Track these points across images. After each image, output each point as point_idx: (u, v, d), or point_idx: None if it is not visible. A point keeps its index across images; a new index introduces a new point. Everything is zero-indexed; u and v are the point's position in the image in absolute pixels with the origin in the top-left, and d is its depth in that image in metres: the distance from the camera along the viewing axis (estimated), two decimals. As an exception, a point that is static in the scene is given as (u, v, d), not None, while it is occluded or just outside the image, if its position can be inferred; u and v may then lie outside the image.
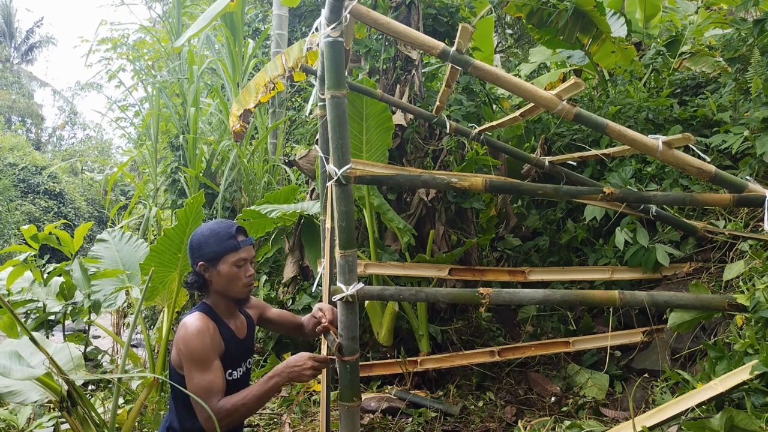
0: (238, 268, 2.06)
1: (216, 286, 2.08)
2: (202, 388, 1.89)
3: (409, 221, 4.26)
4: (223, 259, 2.04)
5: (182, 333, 1.96)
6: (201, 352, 1.92)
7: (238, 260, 2.06)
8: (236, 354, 2.11)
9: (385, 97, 3.79)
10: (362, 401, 3.30)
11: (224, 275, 2.05)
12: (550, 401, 3.53)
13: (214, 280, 2.07)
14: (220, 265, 2.04)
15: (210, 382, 1.90)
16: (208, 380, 1.90)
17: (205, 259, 2.05)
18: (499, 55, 9.46)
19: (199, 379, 1.90)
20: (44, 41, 32.70)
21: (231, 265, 2.05)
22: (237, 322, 2.18)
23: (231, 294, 2.10)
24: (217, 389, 1.91)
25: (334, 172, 2.24)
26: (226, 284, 2.07)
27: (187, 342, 1.93)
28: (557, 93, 2.44)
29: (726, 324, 2.86)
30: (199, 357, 1.92)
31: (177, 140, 6.29)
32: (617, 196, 2.68)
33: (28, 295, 4.09)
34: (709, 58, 4.92)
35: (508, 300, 2.48)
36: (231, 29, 6.38)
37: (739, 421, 1.90)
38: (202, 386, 1.89)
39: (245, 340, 2.19)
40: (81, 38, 23.87)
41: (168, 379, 2.10)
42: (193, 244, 2.09)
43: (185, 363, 1.94)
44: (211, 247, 2.04)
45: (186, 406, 1.99)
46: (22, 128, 28.25)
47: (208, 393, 1.88)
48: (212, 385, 1.90)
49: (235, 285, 2.08)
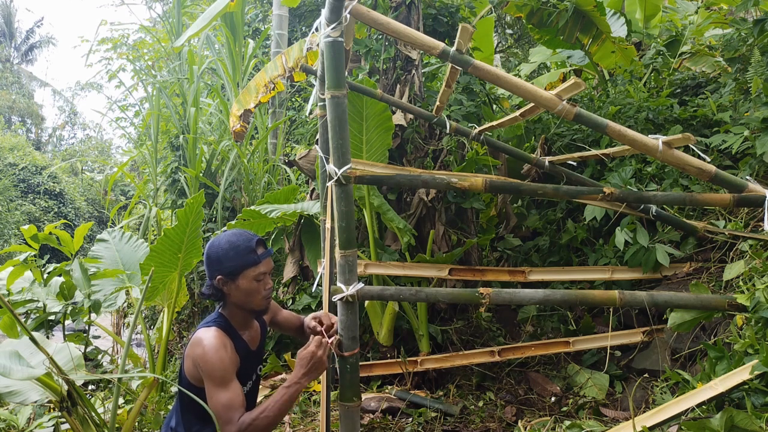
0: (258, 282, 2.03)
1: (234, 299, 2.05)
2: (222, 405, 1.89)
3: (409, 221, 4.25)
4: (243, 273, 2.00)
5: (200, 351, 1.94)
6: (221, 371, 1.91)
7: (258, 275, 2.02)
8: (248, 366, 2.11)
9: (385, 97, 3.79)
10: (362, 401, 3.29)
11: (243, 289, 2.02)
12: (550, 401, 3.53)
13: (233, 293, 2.04)
14: (240, 279, 2.01)
15: (230, 399, 1.90)
16: (228, 397, 1.90)
17: (224, 273, 2.01)
18: (499, 55, 9.46)
19: (219, 397, 1.90)
20: (44, 41, 32.71)
21: (251, 279, 2.01)
22: (251, 331, 2.18)
23: (250, 307, 2.08)
24: (238, 405, 1.91)
25: (334, 172, 2.24)
26: (245, 298, 2.04)
27: (206, 361, 1.92)
28: (557, 93, 2.44)
29: (726, 324, 2.86)
30: (219, 375, 1.91)
31: (177, 140, 6.29)
32: (617, 196, 2.68)
33: (28, 295, 4.09)
34: (709, 58, 4.92)
35: (508, 300, 2.48)
36: (231, 29, 6.37)
37: (739, 421, 1.90)
38: (222, 403, 1.89)
39: (257, 349, 2.20)
40: (81, 38, 23.88)
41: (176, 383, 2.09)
42: (211, 256, 2.03)
43: (206, 380, 1.93)
44: (230, 261, 1.99)
45: (197, 416, 2.00)
46: (22, 128, 28.25)
47: (228, 410, 1.88)
48: (233, 402, 1.90)
49: (255, 298, 2.06)
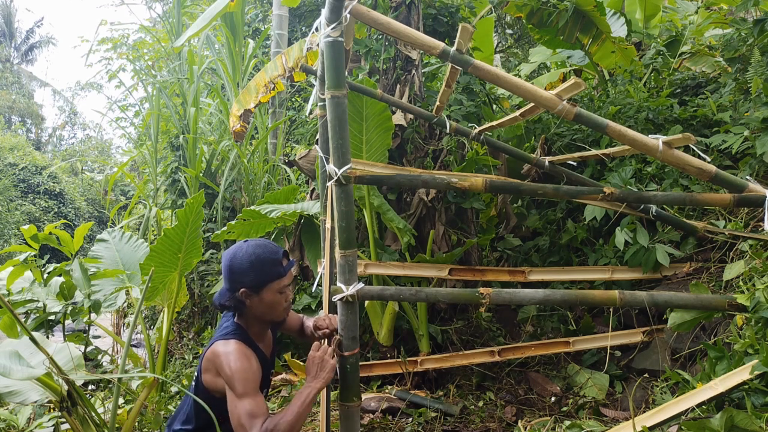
0: (281, 295, 2.03)
1: (255, 312, 2.05)
2: (246, 413, 1.88)
3: (409, 221, 4.25)
4: (268, 287, 2.00)
5: (225, 360, 1.93)
6: (245, 382, 1.91)
7: (282, 287, 2.02)
8: (266, 374, 2.11)
9: (385, 97, 3.79)
10: (362, 401, 3.29)
11: (267, 302, 2.01)
12: (550, 401, 3.53)
13: (255, 306, 2.03)
14: (264, 293, 2.00)
15: (254, 408, 1.90)
16: (253, 406, 1.90)
17: (249, 287, 1.99)
18: (499, 55, 9.46)
19: (243, 405, 1.90)
20: (44, 41, 32.70)
21: (275, 292, 2.01)
22: (266, 340, 2.18)
23: (269, 318, 2.08)
24: (261, 413, 1.90)
25: (334, 172, 2.24)
26: (266, 310, 2.04)
27: (234, 370, 1.91)
28: (557, 93, 2.44)
29: (726, 324, 2.86)
30: (243, 386, 1.91)
31: (177, 140, 6.29)
32: (617, 196, 2.68)
33: (28, 295, 4.09)
34: (709, 58, 4.92)
35: (508, 300, 2.48)
36: (231, 29, 6.37)
37: (739, 421, 1.90)
38: (246, 412, 1.89)
39: (271, 356, 2.21)
40: (81, 38, 23.84)
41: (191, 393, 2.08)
42: (234, 268, 2.00)
43: (230, 391, 1.92)
44: (255, 274, 1.98)
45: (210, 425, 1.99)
46: (22, 128, 28.25)
47: (253, 418, 1.88)
48: (257, 411, 1.89)
49: (276, 310, 2.06)
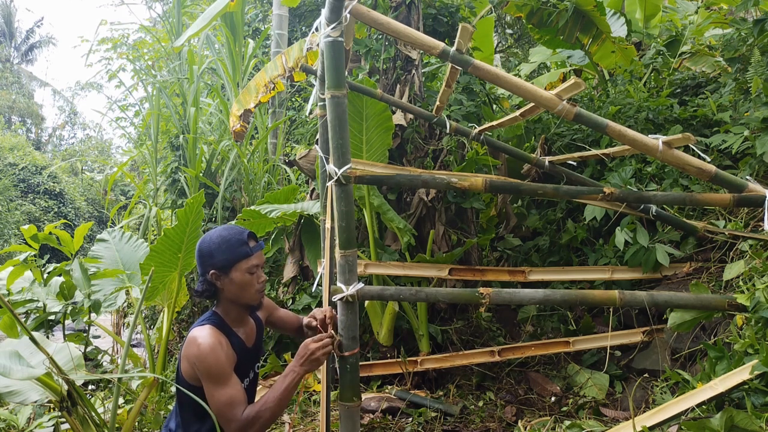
0: (251, 275, 2.04)
1: (228, 294, 2.06)
2: (223, 403, 1.89)
3: (409, 221, 4.25)
4: (236, 266, 2.01)
5: (195, 350, 1.93)
6: (218, 369, 1.91)
7: (250, 267, 2.03)
8: (245, 363, 2.10)
9: (385, 97, 3.79)
10: (362, 401, 3.29)
11: (237, 283, 2.02)
12: (550, 401, 3.53)
13: (227, 288, 2.04)
14: (233, 272, 2.01)
15: (231, 396, 1.90)
16: (229, 394, 1.90)
17: (217, 267, 2.01)
18: (499, 55, 9.46)
19: (220, 395, 1.90)
20: (44, 41, 32.70)
21: (244, 272, 2.02)
22: (246, 329, 2.17)
23: (244, 301, 2.08)
24: (239, 401, 1.91)
25: (334, 172, 2.24)
26: (239, 292, 2.04)
27: (202, 360, 1.91)
28: (557, 93, 2.44)
29: (726, 324, 2.86)
30: (216, 373, 1.91)
31: (177, 140, 6.28)
32: (617, 196, 2.68)
33: (28, 295, 4.09)
34: (709, 58, 4.92)
35: (508, 300, 2.48)
36: (231, 29, 6.37)
37: (739, 421, 1.90)
38: (223, 401, 1.89)
39: (253, 347, 2.19)
40: (81, 38, 23.81)
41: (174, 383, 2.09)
42: (203, 251, 2.04)
43: (204, 380, 1.93)
44: (222, 254, 2.01)
45: (195, 414, 2.00)
46: (22, 128, 28.26)
47: (230, 406, 1.89)
48: (233, 399, 1.90)
49: (248, 292, 2.06)
